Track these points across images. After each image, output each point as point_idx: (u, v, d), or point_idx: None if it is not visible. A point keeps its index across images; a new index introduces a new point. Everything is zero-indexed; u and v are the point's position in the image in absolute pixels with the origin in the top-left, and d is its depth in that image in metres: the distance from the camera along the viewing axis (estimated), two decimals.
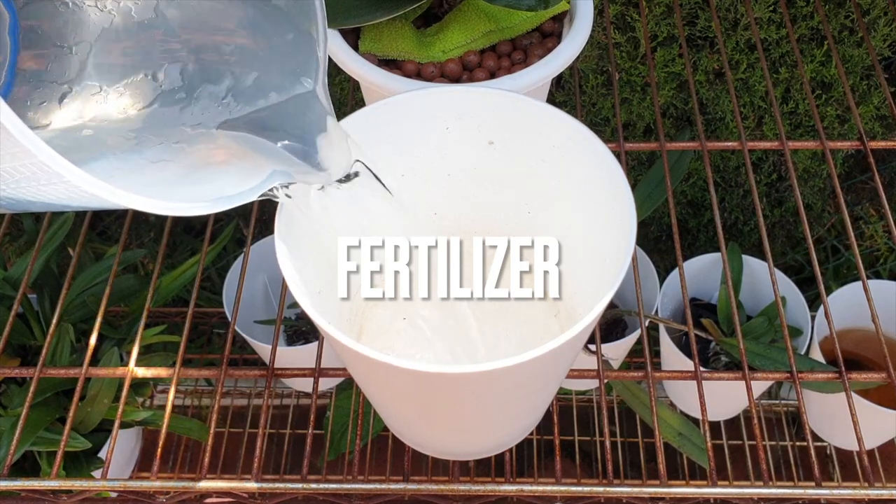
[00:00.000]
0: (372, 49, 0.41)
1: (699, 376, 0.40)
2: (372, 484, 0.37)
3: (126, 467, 0.84)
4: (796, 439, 0.90)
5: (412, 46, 0.41)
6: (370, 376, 0.33)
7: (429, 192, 0.37)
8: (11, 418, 0.63)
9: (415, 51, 0.41)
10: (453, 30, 0.42)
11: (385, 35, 0.41)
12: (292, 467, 0.94)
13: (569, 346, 0.30)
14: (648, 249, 0.81)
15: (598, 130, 0.60)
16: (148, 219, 0.88)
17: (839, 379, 0.40)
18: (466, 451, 0.42)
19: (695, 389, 0.40)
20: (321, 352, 0.42)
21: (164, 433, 0.39)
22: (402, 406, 0.36)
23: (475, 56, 0.42)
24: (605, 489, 0.37)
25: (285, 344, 0.82)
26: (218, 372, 0.42)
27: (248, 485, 0.37)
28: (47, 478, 0.38)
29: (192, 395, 0.98)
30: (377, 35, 0.42)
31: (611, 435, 0.89)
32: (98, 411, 0.67)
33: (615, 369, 0.78)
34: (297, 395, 0.96)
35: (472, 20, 0.42)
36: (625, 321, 0.83)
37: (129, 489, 0.38)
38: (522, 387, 0.33)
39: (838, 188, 0.45)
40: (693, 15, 0.64)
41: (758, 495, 0.37)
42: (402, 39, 0.41)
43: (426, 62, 0.41)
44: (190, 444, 0.95)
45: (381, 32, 0.41)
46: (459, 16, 0.42)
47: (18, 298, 0.47)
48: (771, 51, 0.66)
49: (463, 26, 0.42)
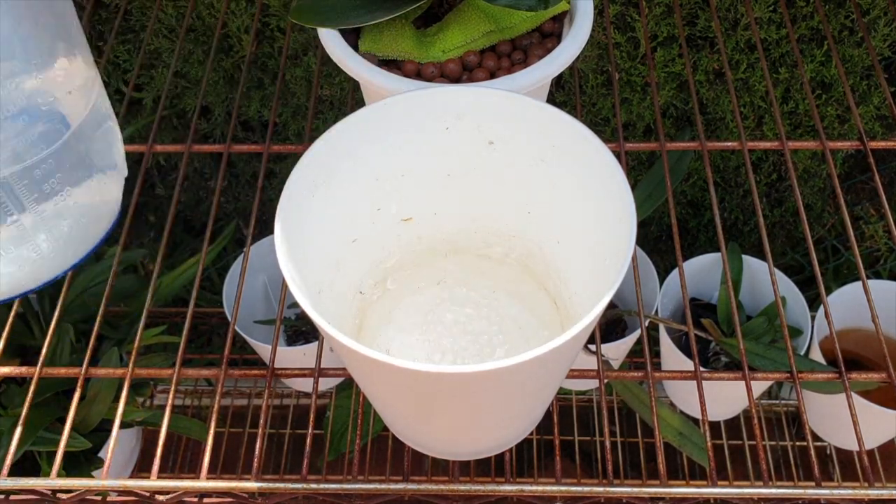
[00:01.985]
0: (372, 49, 0.41)
1: (699, 376, 0.40)
2: (372, 484, 0.37)
3: (126, 467, 0.84)
4: (796, 439, 0.90)
5: (412, 46, 0.41)
6: (370, 376, 0.33)
7: (429, 192, 0.37)
8: (11, 418, 0.63)
9: (415, 51, 0.41)
10: (453, 30, 0.42)
11: (385, 35, 0.41)
12: (292, 467, 0.94)
13: (569, 347, 0.30)
14: (648, 249, 0.81)
15: (598, 130, 0.60)
16: (148, 219, 0.88)
17: (839, 379, 0.40)
18: (466, 451, 0.42)
19: (695, 389, 0.40)
20: (321, 352, 0.42)
21: (164, 433, 0.39)
22: (402, 406, 0.36)
23: (475, 56, 0.42)
24: (605, 489, 0.37)
25: (285, 344, 0.82)
26: (218, 372, 0.42)
27: (248, 485, 0.37)
28: (47, 478, 0.38)
29: (192, 396, 0.98)
30: (377, 35, 0.42)
31: (611, 435, 0.89)
32: (98, 411, 0.67)
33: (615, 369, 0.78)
34: (297, 395, 0.96)
35: (472, 20, 0.42)
36: (625, 321, 0.83)
37: (128, 489, 0.38)
38: (522, 387, 0.33)
39: (838, 188, 0.45)
40: (693, 15, 0.64)
41: (758, 495, 0.37)
42: (402, 39, 0.41)
43: (426, 62, 0.41)
44: (190, 444, 0.95)
45: (381, 33, 0.41)
46: (459, 16, 0.42)
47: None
48: (771, 51, 0.66)
49: (463, 26, 0.42)
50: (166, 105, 0.74)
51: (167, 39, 0.68)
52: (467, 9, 0.42)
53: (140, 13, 0.66)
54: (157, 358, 0.75)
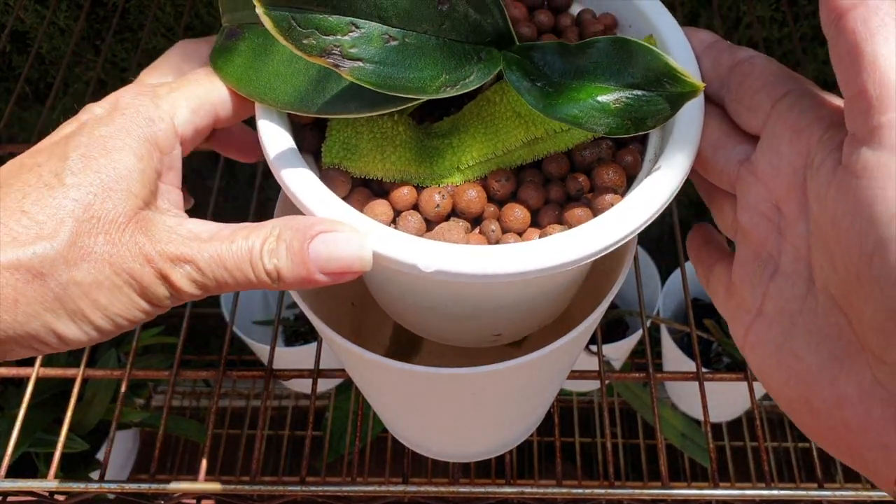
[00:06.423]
0: (343, 162, 0.24)
1: (701, 377, 0.40)
2: (371, 486, 0.37)
3: (124, 469, 0.84)
4: (799, 440, 0.90)
5: (408, 158, 0.25)
6: (369, 377, 0.33)
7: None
8: (9, 419, 0.63)
9: (412, 166, 0.25)
10: (476, 132, 0.25)
11: (364, 137, 0.25)
12: (291, 469, 0.94)
13: (569, 347, 0.29)
14: (650, 250, 0.81)
15: None
16: None
17: None
18: (466, 452, 0.42)
19: (697, 390, 0.40)
20: (320, 353, 0.42)
21: (162, 434, 0.39)
22: (402, 407, 0.36)
23: (507, 179, 0.25)
24: (607, 491, 0.36)
25: (284, 345, 0.82)
26: (216, 373, 0.41)
27: (246, 487, 0.37)
28: (45, 479, 0.38)
29: (191, 397, 0.97)
30: (352, 136, 0.25)
31: (612, 436, 0.89)
32: (96, 412, 0.67)
33: (616, 370, 0.78)
34: (296, 397, 0.96)
35: (506, 118, 0.25)
36: (626, 322, 0.83)
37: (126, 491, 0.37)
38: (523, 388, 0.33)
39: None
40: (695, 13, 0.64)
41: (760, 497, 0.36)
42: (393, 146, 0.25)
43: (429, 185, 0.25)
44: (188, 445, 0.95)
45: (359, 133, 0.25)
46: (485, 109, 0.25)
47: None
48: (773, 49, 0.65)
49: (491, 128, 0.25)
50: None
51: (165, 38, 0.67)
52: (498, 99, 0.25)
53: (138, 12, 0.66)
54: (155, 359, 0.74)
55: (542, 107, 0.23)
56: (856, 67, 0.19)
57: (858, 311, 0.19)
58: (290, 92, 0.24)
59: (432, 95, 0.22)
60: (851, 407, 0.20)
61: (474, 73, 0.23)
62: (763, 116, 0.23)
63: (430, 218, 0.24)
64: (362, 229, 0.22)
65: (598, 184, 0.25)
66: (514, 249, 0.22)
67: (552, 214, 0.24)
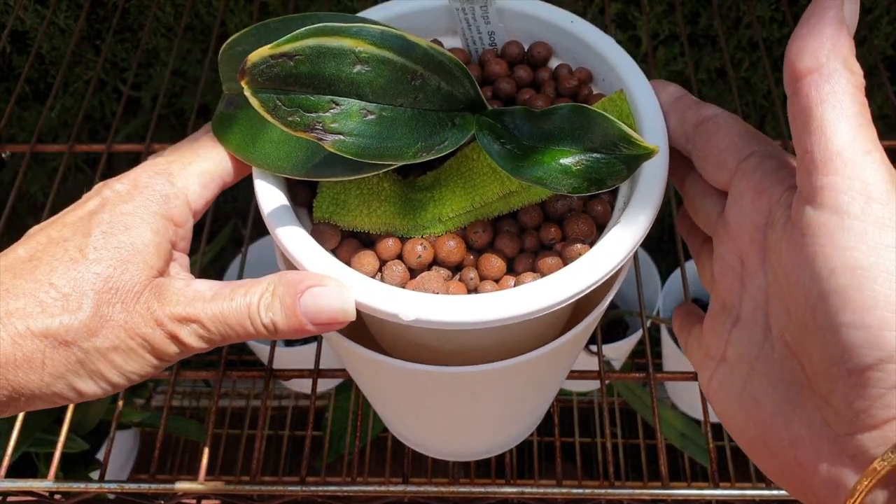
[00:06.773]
0: (332, 216, 0.27)
1: None
2: (371, 486, 0.37)
3: (124, 469, 0.84)
4: None
5: (393, 211, 0.27)
6: (369, 377, 0.33)
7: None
8: (9, 420, 0.63)
9: (396, 218, 0.27)
10: (455, 187, 0.27)
11: (352, 193, 0.27)
12: (291, 469, 0.94)
13: (569, 347, 0.29)
14: (650, 249, 0.81)
15: None
16: None
17: None
18: (467, 451, 0.42)
19: (697, 390, 0.40)
20: (320, 353, 0.42)
21: (162, 434, 0.39)
22: (402, 406, 0.36)
23: (484, 230, 0.27)
24: (607, 491, 0.36)
25: (283, 344, 0.82)
26: (216, 373, 0.41)
27: (246, 486, 0.37)
28: (45, 479, 0.38)
29: (191, 397, 0.97)
30: (341, 192, 0.27)
31: (612, 436, 0.89)
32: (96, 412, 0.67)
33: (616, 370, 0.78)
34: (296, 397, 0.96)
35: (483, 173, 0.27)
36: (626, 322, 0.83)
37: (126, 491, 0.37)
38: (522, 387, 0.33)
39: None
40: (695, 13, 0.64)
41: (760, 497, 0.36)
42: (378, 200, 0.27)
43: (412, 237, 0.27)
44: (188, 445, 0.95)
45: (347, 189, 0.27)
46: (465, 165, 0.28)
47: None
48: (773, 49, 0.65)
49: (470, 182, 0.27)
50: (164, 104, 0.73)
51: (165, 38, 0.67)
52: (476, 156, 0.28)
53: (138, 12, 0.66)
54: None
55: (510, 168, 0.25)
56: (806, 130, 0.20)
57: (808, 356, 0.21)
58: (284, 158, 0.27)
59: (409, 161, 0.25)
60: (803, 447, 0.21)
61: (448, 137, 0.25)
62: (728, 174, 0.24)
63: (413, 267, 0.26)
64: (347, 283, 0.24)
65: (569, 234, 0.27)
66: (488, 298, 0.24)
67: (527, 262, 0.27)
